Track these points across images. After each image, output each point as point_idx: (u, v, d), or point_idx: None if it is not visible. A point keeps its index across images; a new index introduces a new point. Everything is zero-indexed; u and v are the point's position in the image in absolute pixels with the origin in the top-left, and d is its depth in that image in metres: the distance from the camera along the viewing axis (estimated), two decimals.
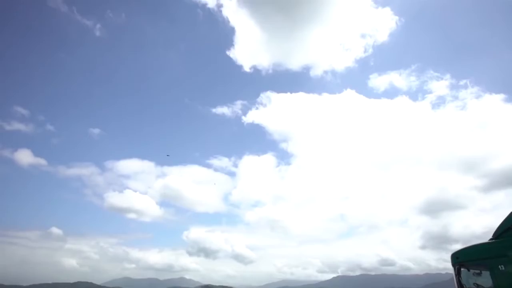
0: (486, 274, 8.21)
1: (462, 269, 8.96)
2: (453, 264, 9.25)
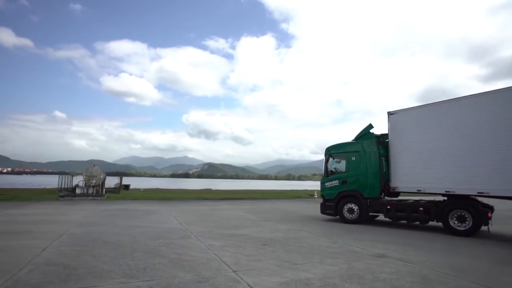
0: (343, 162, 12.73)
1: (330, 158, 13.22)
2: (325, 155, 13.29)
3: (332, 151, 13.29)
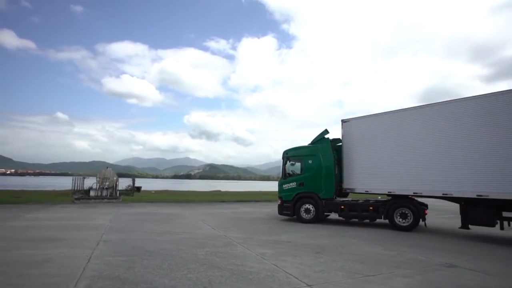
0: (301, 165, 13.20)
1: (287, 161, 13.59)
2: (283, 157, 13.72)
3: (290, 154, 13.75)
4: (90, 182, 26.58)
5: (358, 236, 9.90)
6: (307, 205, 12.72)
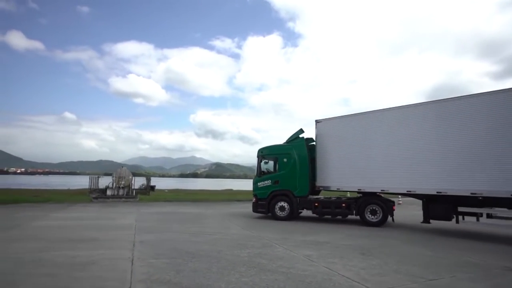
0: (276, 163, 13.38)
1: (262, 159, 13.72)
2: (258, 156, 13.77)
3: (265, 153, 13.87)
4: (104, 181, 26.58)
5: (393, 236, 9.58)
6: (281, 203, 12.85)
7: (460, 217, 9.87)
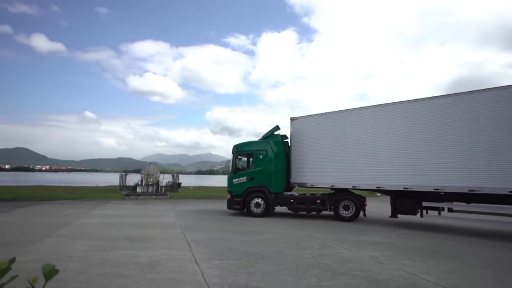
0: (251, 160, 13.50)
1: (238, 156, 13.77)
2: (233, 152, 13.73)
3: (240, 149, 13.84)
4: (132, 178, 26.82)
5: (452, 238, 9.13)
6: (257, 199, 12.85)
7: (424, 212, 10.38)
